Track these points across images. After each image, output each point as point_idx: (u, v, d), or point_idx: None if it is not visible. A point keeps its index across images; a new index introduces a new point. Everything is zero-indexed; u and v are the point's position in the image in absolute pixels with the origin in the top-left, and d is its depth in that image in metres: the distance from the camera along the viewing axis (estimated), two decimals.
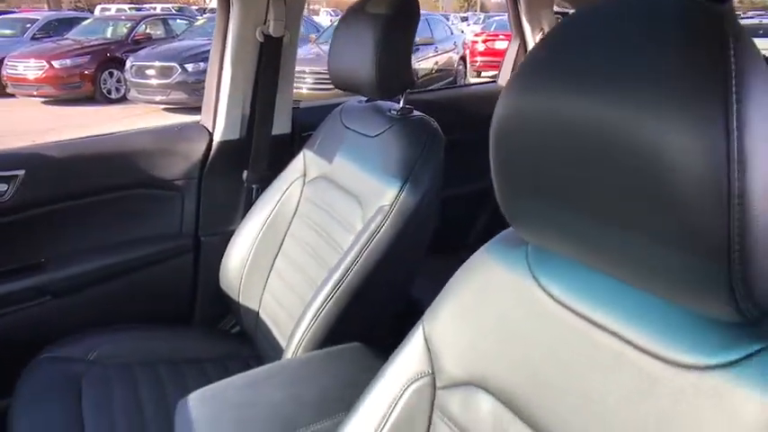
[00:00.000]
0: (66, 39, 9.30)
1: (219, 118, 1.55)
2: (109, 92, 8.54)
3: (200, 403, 0.88)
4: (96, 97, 8.39)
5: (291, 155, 1.45)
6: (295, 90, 1.68)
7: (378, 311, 0.94)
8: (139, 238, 1.53)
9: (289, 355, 1.08)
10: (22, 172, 1.33)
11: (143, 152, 1.49)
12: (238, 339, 1.48)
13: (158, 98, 7.69)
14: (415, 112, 1.24)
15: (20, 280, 1.38)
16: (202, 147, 1.54)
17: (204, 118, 1.59)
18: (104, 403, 1.15)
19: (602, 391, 0.53)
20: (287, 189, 1.40)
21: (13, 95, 8.32)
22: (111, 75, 8.55)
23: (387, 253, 1.08)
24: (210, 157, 1.55)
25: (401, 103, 1.23)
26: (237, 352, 1.41)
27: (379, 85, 1.14)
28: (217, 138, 1.55)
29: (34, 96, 8.24)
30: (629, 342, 0.52)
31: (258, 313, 1.39)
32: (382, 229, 1.09)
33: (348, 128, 1.31)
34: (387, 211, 1.10)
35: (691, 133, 0.39)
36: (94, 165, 1.43)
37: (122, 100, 8.38)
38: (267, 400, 0.88)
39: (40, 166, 1.36)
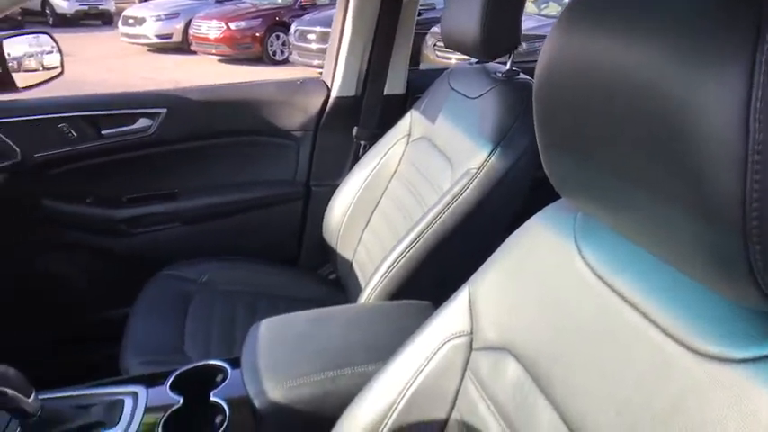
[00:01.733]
0: (244, 2, 10.14)
1: (338, 74, 1.61)
2: (274, 53, 9.19)
3: (267, 328, 0.96)
4: (263, 58, 9.08)
5: (402, 115, 1.47)
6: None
7: (450, 274, 0.94)
8: (258, 181, 1.67)
9: (361, 301, 1.13)
10: (164, 110, 1.51)
11: (267, 102, 1.61)
12: (333, 285, 1.57)
13: (316, 62, 8.12)
14: (522, 76, 1.19)
15: (156, 205, 1.59)
16: (320, 101, 1.63)
17: (325, 73, 1.67)
18: (205, 319, 1.29)
19: (620, 370, 0.49)
20: (391, 148, 1.43)
21: (194, 53, 9.31)
22: (277, 38, 9.18)
23: (466, 216, 1.07)
24: (326, 112, 1.63)
25: (507, 65, 1.19)
26: (331, 297, 1.49)
27: (484, 44, 1.11)
28: (334, 93, 1.62)
29: (212, 54, 9.14)
30: (654, 323, 0.48)
31: (351, 263, 1.46)
32: (465, 192, 1.07)
33: (453, 89, 1.30)
34: (473, 175, 1.08)
35: (711, 80, 0.34)
36: (225, 109, 1.58)
37: (285, 62, 8.98)
38: (325, 335, 0.94)
39: (179, 107, 1.54)
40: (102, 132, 1.51)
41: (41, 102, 1.49)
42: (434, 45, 6.44)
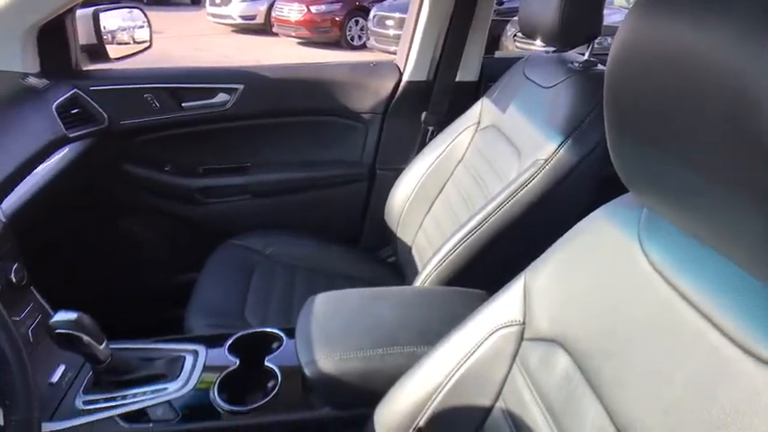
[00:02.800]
0: None
1: (411, 58, 1.61)
2: (352, 38, 9.27)
3: (323, 302, 0.98)
4: (341, 42, 9.18)
5: (473, 102, 1.46)
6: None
7: (507, 263, 0.93)
8: (325, 160, 1.71)
9: (417, 284, 1.13)
10: (241, 86, 1.57)
11: (340, 83, 1.63)
12: (391, 268, 1.58)
13: (393, 48, 8.12)
14: (600, 66, 1.14)
15: (229, 177, 1.66)
16: (391, 84, 1.63)
17: (398, 57, 1.67)
18: (266, 289, 1.34)
19: (673, 369, 0.47)
20: (458, 135, 1.41)
21: (276, 35, 9.54)
22: (356, 23, 9.25)
23: (530, 207, 1.05)
24: (397, 96, 1.64)
25: (586, 54, 1.15)
26: (387, 279, 1.51)
27: (562, 32, 1.08)
28: (405, 77, 1.62)
29: (292, 37, 9.34)
30: (714, 324, 0.45)
31: (410, 248, 1.46)
32: (531, 183, 1.05)
33: (527, 78, 1.27)
34: (541, 165, 1.05)
35: None
36: (299, 88, 1.62)
37: (362, 47, 9.04)
38: (378, 314, 0.95)
39: (256, 83, 1.59)
40: (183, 104, 1.59)
41: (130, 72, 1.58)
42: (514, 35, 6.29)
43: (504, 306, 0.73)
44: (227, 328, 1.17)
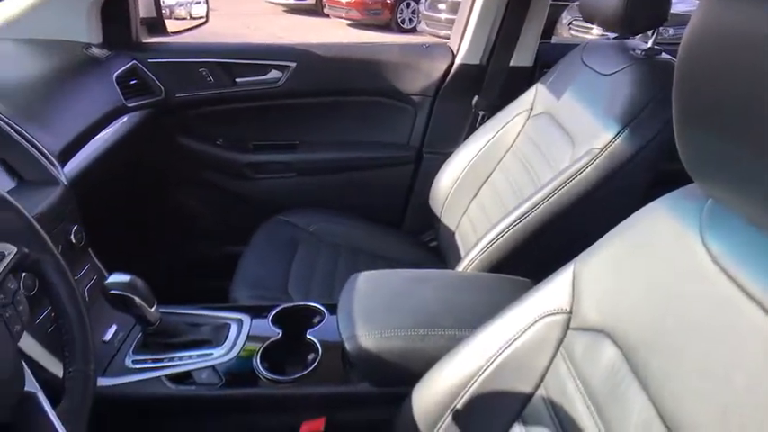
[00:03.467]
0: None
1: (465, 41, 1.58)
2: (402, 21, 9.18)
3: (366, 280, 0.99)
4: (391, 25, 9.12)
5: (526, 88, 1.43)
6: None
7: (553, 253, 0.91)
8: (373, 141, 1.71)
9: (460, 269, 1.13)
10: (294, 64, 1.58)
11: (391, 64, 1.62)
12: (433, 253, 1.58)
13: (444, 32, 8.02)
14: (664, 55, 1.10)
15: (278, 154, 1.68)
16: (443, 67, 1.61)
17: (452, 39, 1.65)
18: (309, 265, 1.36)
19: (730, 365, 0.46)
20: (510, 121, 1.39)
21: (327, 16, 9.56)
22: (407, 5, 9.15)
23: (582, 197, 1.02)
24: (448, 78, 1.62)
25: (650, 42, 1.10)
26: (429, 263, 1.50)
27: (626, 17, 1.04)
28: (458, 60, 1.60)
29: (342, 18, 9.33)
30: None
31: (454, 233, 1.45)
32: (584, 172, 1.03)
33: (585, 64, 1.23)
34: (595, 155, 1.02)
35: None
36: (350, 68, 1.62)
37: (413, 31, 8.95)
38: (421, 295, 0.95)
39: (308, 62, 1.60)
40: (237, 80, 1.61)
41: (187, 46, 1.62)
42: (569, 23, 6.11)
43: (551, 294, 0.72)
44: (271, 301, 1.19)
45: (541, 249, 1.08)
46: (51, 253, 0.67)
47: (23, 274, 0.76)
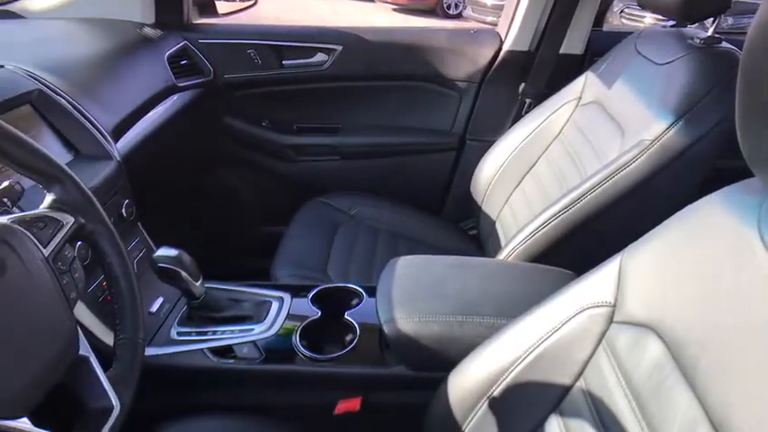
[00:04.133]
0: None
1: (514, 27, 1.55)
2: (448, 7, 9.07)
3: (405, 264, 0.99)
4: (436, 10, 9.01)
5: (576, 76, 1.39)
6: None
7: (597, 246, 0.89)
8: (416, 127, 1.70)
9: (500, 258, 1.12)
10: (340, 47, 1.58)
11: (436, 49, 1.61)
12: (472, 241, 1.57)
13: (490, 18, 7.88)
14: (724, 44, 1.05)
15: (321, 137, 1.69)
16: (490, 53, 1.59)
17: (500, 25, 1.62)
18: (348, 248, 1.38)
19: None
20: (557, 109, 1.36)
21: (372, 0, 9.51)
22: None
23: (630, 189, 1.00)
24: (495, 65, 1.59)
25: (710, 30, 1.06)
26: (468, 251, 1.50)
27: (686, 4, 1.00)
28: (506, 46, 1.57)
29: (387, 3, 9.27)
30: None
31: (494, 222, 1.44)
32: (634, 164, 1.00)
33: (639, 53, 1.19)
34: (646, 146, 0.99)
35: None
36: (396, 52, 1.61)
37: (458, 17, 8.83)
38: (460, 282, 0.95)
39: (354, 45, 1.60)
40: (284, 62, 1.63)
41: (236, 28, 1.64)
42: (621, 11, 5.90)
43: (595, 286, 0.70)
44: (310, 281, 1.21)
45: (585, 241, 1.06)
46: (106, 225, 0.69)
47: (78, 243, 0.79)
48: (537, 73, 1.55)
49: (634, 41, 1.24)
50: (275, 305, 1.02)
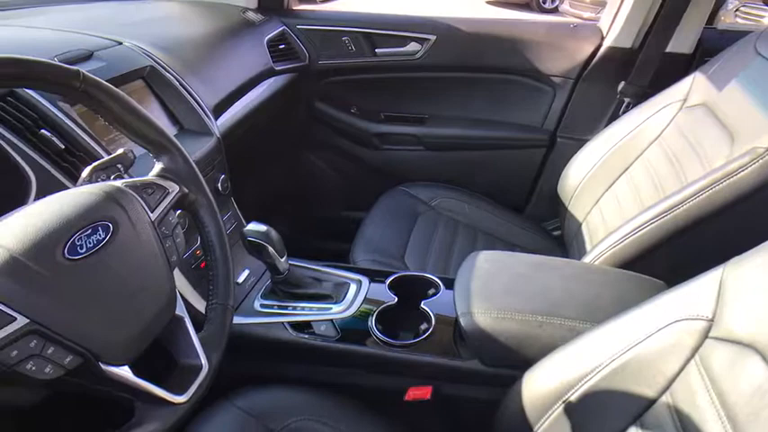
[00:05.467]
0: None
1: (617, 22, 1.48)
2: (544, 1, 8.77)
3: (487, 259, 0.98)
4: (531, 5, 8.75)
5: (682, 77, 1.31)
6: None
7: (693, 256, 0.83)
8: (505, 121, 1.67)
9: (586, 261, 1.08)
10: (433, 37, 1.58)
11: (533, 42, 1.56)
12: (555, 242, 1.52)
13: (587, 14, 7.55)
14: None
15: (407, 126, 1.70)
16: (590, 48, 1.53)
17: (603, 19, 1.55)
18: (427, 238, 1.38)
19: None
20: (659, 111, 1.29)
21: None
22: None
23: (736, 199, 0.93)
24: (594, 61, 1.53)
25: None
26: (550, 251, 1.45)
27: None
28: (607, 42, 1.51)
29: None
30: None
31: (581, 224, 1.39)
32: (743, 173, 0.92)
33: (760, 54, 1.10)
34: (759, 154, 0.92)
35: None
36: (491, 44, 1.59)
37: (554, 11, 8.52)
38: (543, 281, 0.92)
39: (448, 35, 1.59)
40: (377, 50, 1.65)
41: (332, 15, 1.67)
42: (736, 9, 5.47)
43: (691, 298, 0.67)
44: (387, 267, 1.22)
45: (679, 250, 1.00)
46: (207, 196, 0.73)
47: (178, 211, 0.84)
48: (639, 71, 1.47)
49: (753, 41, 1.15)
50: (353, 287, 1.04)
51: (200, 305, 0.93)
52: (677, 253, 1.01)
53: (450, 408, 0.94)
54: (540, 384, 0.76)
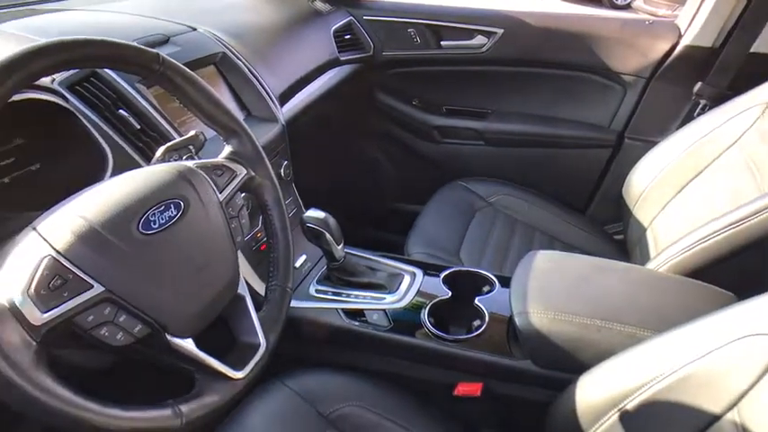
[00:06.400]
0: None
1: (698, 20, 1.41)
2: None
3: (545, 259, 0.96)
4: (603, 1, 8.44)
5: (766, 78, 1.23)
6: None
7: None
8: (570, 119, 1.62)
9: (650, 267, 1.04)
10: (501, 30, 1.55)
11: (605, 38, 1.51)
12: (617, 246, 1.47)
13: (662, 11, 7.22)
14: None
15: (468, 120, 1.68)
16: (666, 47, 1.46)
17: (682, 17, 1.48)
18: (483, 234, 1.36)
19: None
20: (738, 114, 1.21)
21: None
22: None
23: None
24: (670, 60, 1.46)
25: None
26: (611, 256, 1.40)
27: None
28: (685, 40, 1.43)
29: None
30: None
31: (646, 229, 1.34)
32: None
33: None
34: None
35: None
36: (560, 39, 1.54)
37: (626, 7, 8.20)
38: (604, 285, 0.90)
39: (516, 29, 1.56)
40: (442, 43, 1.63)
41: (399, 6, 1.67)
42: None
43: (765, 313, 0.63)
44: (442, 261, 1.22)
45: (752, 262, 0.95)
46: (272, 180, 0.75)
47: (243, 194, 0.87)
48: (719, 72, 1.40)
49: None
50: (407, 279, 1.04)
51: (259, 286, 0.96)
52: (750, 265, 0.96)
53: (499, 406, 0.93)
54: (596, 390, 0.74)
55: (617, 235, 1.57)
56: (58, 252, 0.51)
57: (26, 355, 0.47)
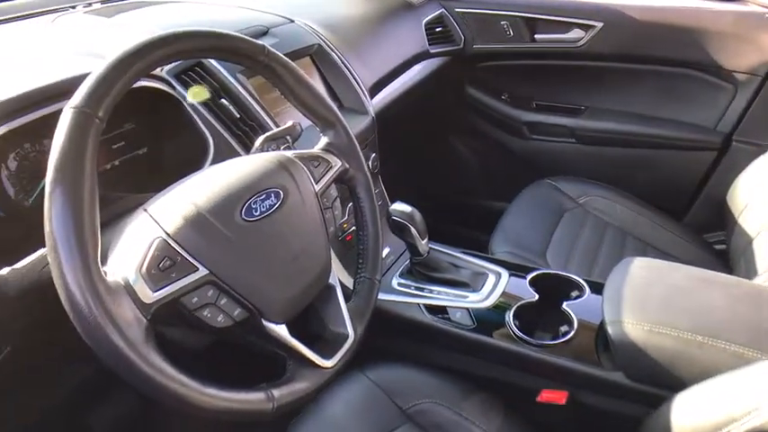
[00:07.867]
0: None
1: None
2: None
3: (642, 266, 0.90)
4: None
5: None
6: None
7: None
8: (672, 119, 1.53)
9: (757, 281, 0.96)
10: (600, 24, 1.48)
11: (715, 33, 1.40)
12: (717, 256, 1.37)
13: None
14: None
15: (560, 117, 1.62)
16: None
17: None
18: (572, 236, 1.31)
19: None
20: None
21: None
22: None
23: None
24: None
25: None
26: (711, 266, 1.31)
27: None
28: None
29: None
30: None
31: (752, 241, 1.23)
32: None
33: None
34: None
35: None
36: (664, 34, 1.45)
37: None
38: (707, 298, 0.83)
39: (616, 23, 1.48)
40: (536, 36, 1.58)
41: None
42: None
43: None
44: (527, 261, 1.18)
45: None
46: (365, 173, 0.76)
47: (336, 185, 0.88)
48: None
49: None
50: (492, 278, 1.02)
51: (344, 276, 0.97)
52: None
53: (585, 417, 0.90)
54: (697, 411, 0.69)
55: (718, 245, 1.47)
56: (168, 234, 0.53)
57: (138, 330, 0.49)
